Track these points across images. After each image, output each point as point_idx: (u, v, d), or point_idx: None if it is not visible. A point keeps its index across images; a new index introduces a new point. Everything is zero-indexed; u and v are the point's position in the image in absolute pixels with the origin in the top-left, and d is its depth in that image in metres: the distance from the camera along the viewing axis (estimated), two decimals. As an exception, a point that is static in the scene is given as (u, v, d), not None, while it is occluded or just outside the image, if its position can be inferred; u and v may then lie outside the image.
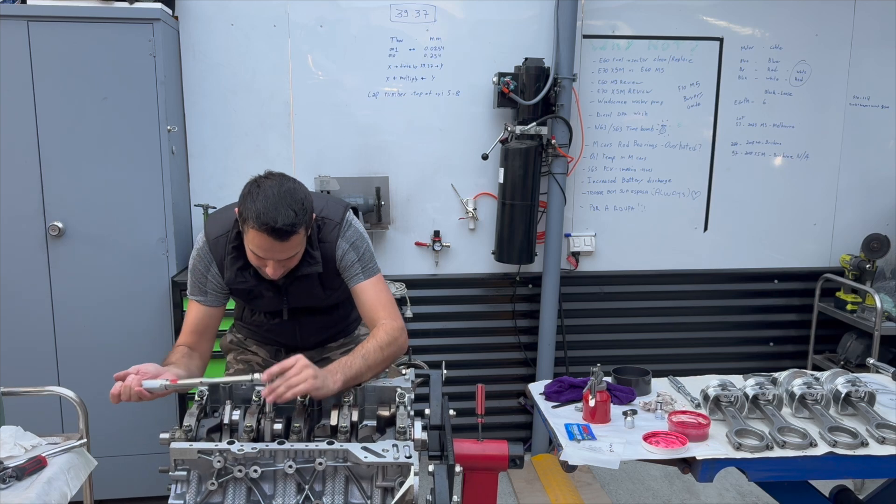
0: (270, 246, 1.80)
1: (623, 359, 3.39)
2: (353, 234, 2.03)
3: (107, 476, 2.80)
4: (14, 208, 2.90)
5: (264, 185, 1.81)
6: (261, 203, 1.77)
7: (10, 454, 1.93)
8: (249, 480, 1.53)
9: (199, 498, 1.53)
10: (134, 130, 2.92)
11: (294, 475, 1.54)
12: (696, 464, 1.90)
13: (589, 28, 3.53)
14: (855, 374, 2.25)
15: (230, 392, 1.76)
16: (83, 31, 2.83)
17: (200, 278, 2.01)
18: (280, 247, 1.80)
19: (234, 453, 1.54)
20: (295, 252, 1.86)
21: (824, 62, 3.71)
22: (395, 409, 1.73)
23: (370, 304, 2.00)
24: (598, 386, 2.10)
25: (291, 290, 2.02)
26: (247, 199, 1.80)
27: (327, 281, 2.04)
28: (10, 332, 2.97)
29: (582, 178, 3.68)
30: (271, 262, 1.84)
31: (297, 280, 1.99)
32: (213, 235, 2.00)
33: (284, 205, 1.77)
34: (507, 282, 3.69)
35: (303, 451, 1.56)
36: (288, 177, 1.87)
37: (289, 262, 1.88)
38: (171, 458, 1.55)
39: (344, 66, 3.44)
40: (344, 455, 1.56)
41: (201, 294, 2.03)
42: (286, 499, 1.53)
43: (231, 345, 2.32)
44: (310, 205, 1.86)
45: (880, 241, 3.63)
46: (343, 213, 2.03)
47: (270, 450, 1.56)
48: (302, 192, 1.85)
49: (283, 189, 1.80)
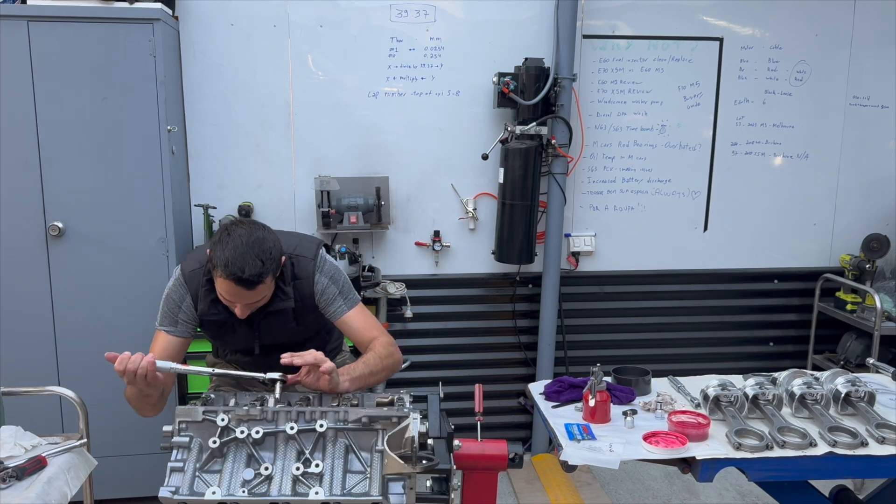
0: (237, 293, 1.88)
1: (623, 359, 3.39)
2: (330, 269, 2.11)
3: (107, 476, 2.81)
4: (14, 208, 2.90)
5: (234, 233, 1.88)
6: (229, 252, 1.84)
7: (10, 454, 1.93)
8: (250, 444, 1.54)
9: (199, 464, 1.53)
10: (134, 130, 2.92)
11: (294, 442, 1.55)
12: (696, 464, 1.90)
13: (589, 28, 3.53)
14: (855, 374, 2.25)
15: (236, 396, 1.77)
16: (83, 31, 2.83)
17: (174, 308, 2.08)
18: (247, 294, 1.88)
19: (237, 412, 1.55)
20: (262, 297, 1.94)
21: (824, 62, 3.71)
22: (396, 399, 1.74)
23: (361, 328, 2.12)
24: (598, 386, 2.10)
25: (264, 324, 2.07)
26: (216, 246, 1.87)
27: (301, 317, 2.10)
28: (10, 332, 2.97)
29: (582, 178, 3.68)
30: (239, 305, 1.92)
31: (269, 315, 2.05)
32: (189, 269, 2.08)
33: (252, 255, 1.84)
34: (507, 282, 3.69)
35: (304, 413, 1.59)
36: (259, 225, 1.95)
37: (256, 304, 1.95)
38: (176, 418, 1.57)
39: (344, 66, 3.44)
40: (345, 415, 1.57)
41: (172, 325, 2.09)
42: (286, 462, 1.54)
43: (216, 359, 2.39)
44: (278, 253, 1.93)
45: (880, 241, 3.63)
46: (316, 250, 2.12)
47: (273, 410, 1.57)
48: (271, 240, 1.92)
49: (251, 239, 1.87)
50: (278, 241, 1.96)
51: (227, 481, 1.51)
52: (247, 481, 1.50)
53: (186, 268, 2.09)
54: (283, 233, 2.14)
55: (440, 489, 1.62)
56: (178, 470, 1.53)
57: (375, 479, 1.53)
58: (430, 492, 1.61)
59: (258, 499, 1.48)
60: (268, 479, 1.52)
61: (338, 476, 1.52)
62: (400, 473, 1.50)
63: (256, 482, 1.51)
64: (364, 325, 2.13)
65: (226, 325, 2.07)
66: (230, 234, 1.88)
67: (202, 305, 2.04)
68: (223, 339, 2.18)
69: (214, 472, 1.54)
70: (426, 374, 3.64)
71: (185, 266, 2.10)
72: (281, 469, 1.53)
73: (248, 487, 1.50)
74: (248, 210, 3.39)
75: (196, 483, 1.51)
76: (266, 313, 2.04)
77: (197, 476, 1.52)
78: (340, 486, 1.52)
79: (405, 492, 1.52)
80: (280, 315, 2.06)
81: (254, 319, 2.05)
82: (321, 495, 1.48)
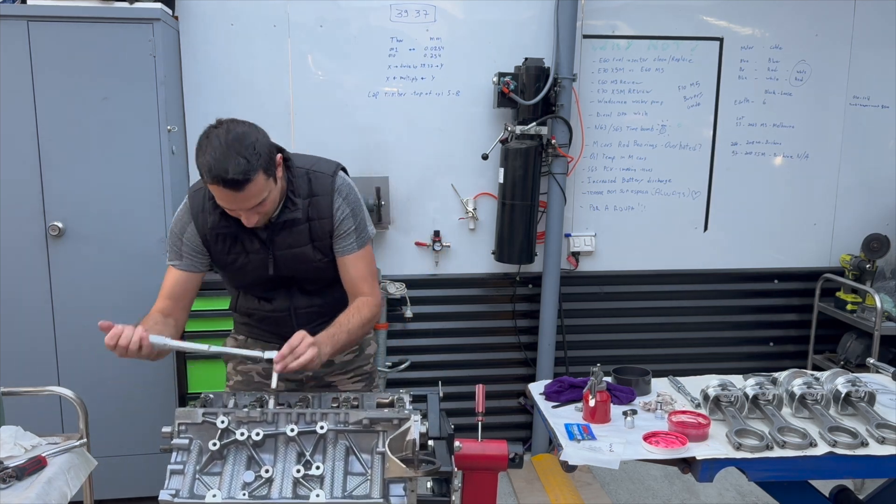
0: (232, 197, 1.76)
1: (623, 359, 3.39)
2: (352, 196, 1.99)
3: (107, 476, 2.80)
4: (14, 208, 2.90)
5: (212, 135, 1.76)
6: (209, 155, 1.72)
7: (10, 454, 1.93)
8: (251, 446, 1.54)
9: (199, 466, 1.53)
10: (134, 130, 2.92)
11: (295, 443, 1.55)
12: (696, 464, 1.90)
13: (589, 28, 3.53)
14: (855, 374, 2.25)
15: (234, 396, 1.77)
16: (83, 31, 2.83)
17: (176, 241, 1.99)
18: (241, 196, 1.76)
19: (237, 414, 1.55)
20: (262, 198, 1.80)
21: (824, 62, 3.71)
22: (396, 399, 1.74)
23: (357, 276, 2.01)
24: (598, 386, 2.10)
25: (277, 241, 1.96)
26: (198, 152, 1.76)
27: (318, 238, 1.98)
28: (10, 332, 2.97)
29: (582, 178, 3.68)
30: (243, 212, 1.82)
31: (281, 231, 1.94)
32: (194, 189, 1.97)
33: (233, 153, 1.71)
34: (507, 282, 3.69)
35: (304, 415, 1.58)
36: (239, 121, 1.82)
37: (261, 208, 1.83)
38: (176, 421, 1.56)
39: (344, 66, 3.44)
40: (345, 417, 1.56)
41: (177, 258, 2.00)
42: (287, 465, 1.53)
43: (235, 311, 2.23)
44: (263, 147, 1.79)
45: (880, 241, 3.63)
46: (335, 169, 2.01)
47: (273, 412, 1.57)
48: (254, 135, 1.79)
49: (230, 137, 1.74)
50: (264, 134, 1.84)
51: (227, 484, 1.50)
52: (247, 484, 1.50)
53: (192, 187, 1.99)
54: (301, 155, 2.05)
55: (441, 491, 1.62)
56: (177, 472, 1.52)
57: (376, 482, 1.53)
58: (430, 493, 1.61)
59: (259, 501, 1.48)
60: (268, 481, 1.51)
61: (338, 478, 1.52)
62: (401, 476, 1.50)
63: (257, 485, 1.51)
64: (361, 275, 2.01)
65: (237, 245, 1.96)
66: (208, 136, 1.76)
67: (212, 218, 1.92)
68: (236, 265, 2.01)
69: (214, 474, 1.53)
70: (426, 374, 3.64)
71: (190, 188, 2.01)
72: (281, 471, 1.52)
73: (248, 490, 1.49)
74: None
75: (196, 486, 1.51)
76: (278, 226, 1.93)
77: (197, 478, 1.52)
78: (341, 488, 1.51)
79: (406, 494, 1.52)
80: (293, 230, 1.95)
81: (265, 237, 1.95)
82: (322, 498, 1.48)
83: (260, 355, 1.75)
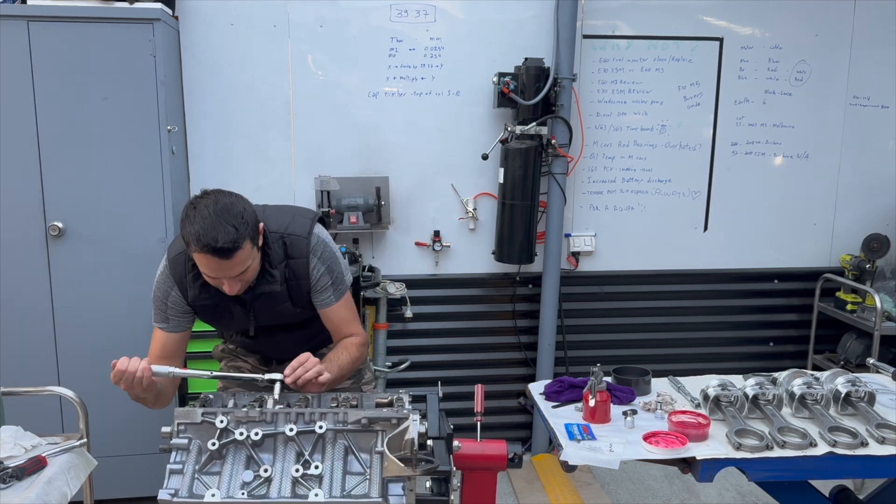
0: (217, 266, 1.80)
1: (623, 359, 3.39)
2: (326, 254, 2.03)
3: (107, 476, 2.80)
4: (14, 208, 2.90)
5: (200, 205, 1.80)
6: (198, 224, 1.75)
7: (10, 454, 1.93)
8: (250, 446, 1.54)
9: (198, 465, 1.53)
10: (134, 130, 2.92)
11: (294, 443, 1.55)
12: (696, 464, 1.90)
13: (589, 28, 3.53)
14: (855, 374, 2.25)
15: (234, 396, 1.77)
16: (83, 31, 2.83)
17: (161, 305, 2.03)
18: (227, 265, 1.80)
19: (236, 414, 1.55)
20: (245, 266, 1.85)
21: (824, 62, 3.71)
22: (395, 399, 1.74)
23: (340, 323, 2.10)
24: (598, 386, 2.10)
25: (257, 305, 2.02)
26: (185, 222, 1.79)
27: (297, 297, 2.05)
28: (10, 332, 2.97)
29: (582, 178, 3.68)
30: (226, 280, 1.85)
31: (260, 297, 1.99)
32: (173, 253, 2.00)
33: (222, 222, 1.76)
34: (507, 282, 3.69)
35: (303, 415, 1.58)
36: (225, 192, 1.87)
37: (244, 276, 1.87)
38: (175, 420, 1.56)
39: (344, 66, 3.44)
40: (344, 417, 1.56)
41: (163, 321, 2.04)
42: (286, 464, 1.53)
43: (222, 353, 2.34)
44: (251, 216, 1.84)
45: (880, 241, 3.63)
46: (310, 228, 2.03)
47: (272, 412, 1.57)
48: (241, 205, 1.84)
49: (219, 206, 1.79)
50: (249, 204, 1.89)
51: (226, 483, 1.50)
52: (246, 483, 1.50)
53: (171, 252, 2.02)
54: (277, 207, 2.08)
55: (440, 490, 1.63)
56: (177, 472, 1.53)
57: (375, 481, 1.53)
58: (429, 493, 1.61)
59: (258, 501, 1.48)
60: (267, 480, 1.51)
61: (337, 478, 1.52)
62: (400, 476, 1.50)
63: (256, 484, 1.51)
64: (343, 320, 2.10)
65: (219, 308, 2.00)
66: (196, 206, 1.79)
67: (192, 292, 1.96)
68: (220, 322, 2.11)
69: (214, 473, 1.53)
70: (426, 374, 3.64)
71: (169, 252, 2.03)
72: (280, 471, 1.53)
73: (247, 489, 1.49)
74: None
75: (195, 485, 1.51)
76: (257, 294, 1.97)
77: (196, 478, 1.52)
78: (340, 487, 1.52)
79: (405, 493, 1.52)
80: (272, 297, 1.99)
81: (246, 300, 1.99)
82: (321, 497, 1.48)
83: (262, 377, 1.78)
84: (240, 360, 2.27)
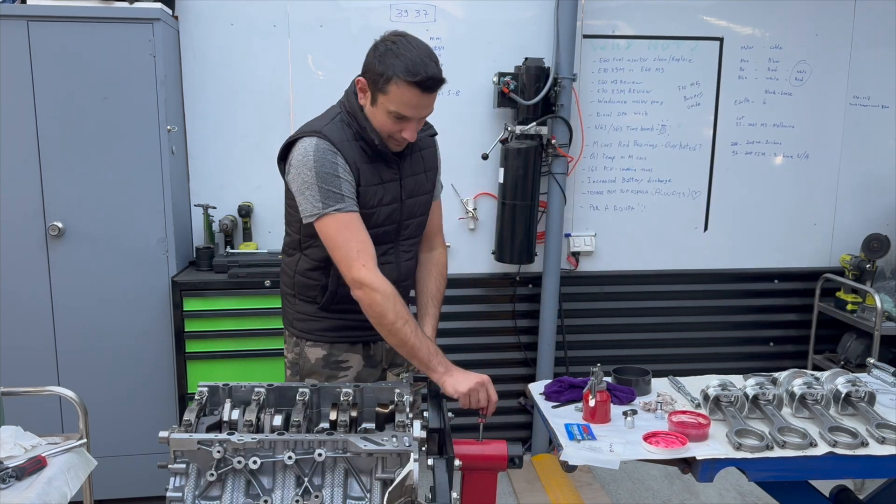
0: (418, 101, 1.81)
1: (623, 359, 3.39)
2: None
3: (107, 476, 2.80)
4: (14, 208, 2.90)
5: (401, 42, 1.82)
6: (411, 55, 1.78)
7: (10, 454, 1.93)
8: (248, 472, 1.53)
9: (198, 491, 1.52)
10: (134, 130, 2.92)
11: (293, 468, 1.54)
12: (696, 464, 1.90)
13: (589, 28, 3.53)
14: (855, 374, 2.25)
15: (229, 392, 1.76)
16: (83, 31, 2.83)
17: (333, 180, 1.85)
18: (427, 100, 1.83)
19: (233, 443, 1.54)
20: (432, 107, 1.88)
21: (824, 62, 3.71)
22: (394, 406, 1.73)
23: (437, 223, 2.24)
24: (598, 386, 2.10)
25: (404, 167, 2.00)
26: (387, 56, 1.81)
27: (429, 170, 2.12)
28: (10, 332, 2.97)
29: (582, 178, 3.68)
30: (412, 123, 1.85)
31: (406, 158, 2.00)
32: (317, 127, 1.93)
33: (426, 56, 1.80)
34: (507, 282, 3.69)
35: (302, 442, 1.56)
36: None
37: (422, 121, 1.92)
38: (171, 448, 1.55)
39: (344, 66, 3.43)
40: (343, 445, 1.55)
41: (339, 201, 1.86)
42: (285, 491, 1.53)
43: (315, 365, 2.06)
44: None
45: (880, 241, 3.63)
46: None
47: (270, 440, 1.56)
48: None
49: (420, 44, 1.83)
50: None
51: None
52: None
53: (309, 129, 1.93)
54: None
55: None
56: (176, 500, 1.52)
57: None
58: (427, 501, 1.60)
59: None
60: None
61: (338, 503, 1.52)
62: None
63: (256, 511, 1.50)
64: (439, 223, 2.24)
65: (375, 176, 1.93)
66: (396, 43, 1.80)
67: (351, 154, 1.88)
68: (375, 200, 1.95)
69: (213, 498, 1.53)
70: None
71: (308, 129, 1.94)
72: (280, 499, 1.52)
73: None
74: (248, 210, 3.39)
75: (196, 513, 1.51)
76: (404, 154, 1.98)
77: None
78: None
79: None
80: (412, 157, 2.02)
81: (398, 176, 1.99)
82: None
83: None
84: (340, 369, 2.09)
